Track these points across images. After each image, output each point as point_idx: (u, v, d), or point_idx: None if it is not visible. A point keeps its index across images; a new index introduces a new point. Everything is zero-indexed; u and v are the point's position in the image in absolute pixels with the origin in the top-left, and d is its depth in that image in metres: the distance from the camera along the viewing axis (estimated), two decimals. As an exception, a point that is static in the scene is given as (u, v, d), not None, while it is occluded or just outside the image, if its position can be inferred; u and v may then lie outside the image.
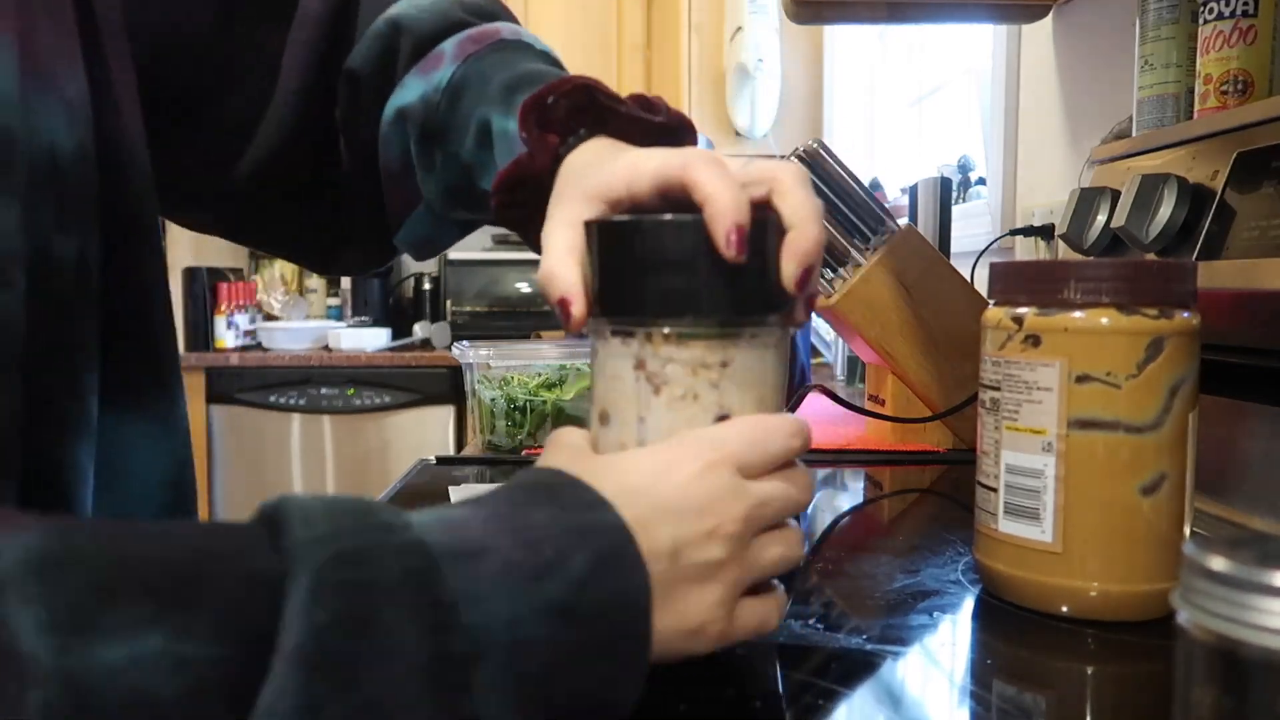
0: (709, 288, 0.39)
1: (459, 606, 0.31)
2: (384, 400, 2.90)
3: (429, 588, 0.30)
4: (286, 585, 0.29)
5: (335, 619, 0.28)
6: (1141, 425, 0.48)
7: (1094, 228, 0.86)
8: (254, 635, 0.28)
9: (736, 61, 2.72)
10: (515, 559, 0.33)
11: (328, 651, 0.28)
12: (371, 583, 0.29)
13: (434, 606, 0.30)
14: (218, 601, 0.28)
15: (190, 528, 0.32)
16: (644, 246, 0.40)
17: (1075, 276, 0.48)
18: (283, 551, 0.30)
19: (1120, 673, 0.46)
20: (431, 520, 0.33)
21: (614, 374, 0.41)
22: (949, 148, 2.05)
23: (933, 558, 0.60)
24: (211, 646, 0.28)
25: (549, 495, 0.36)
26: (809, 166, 0.93)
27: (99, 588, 0.27)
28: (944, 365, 0.94)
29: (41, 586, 0.27)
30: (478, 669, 0.30)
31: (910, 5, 1.22)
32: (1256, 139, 0.69)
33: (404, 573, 0.30)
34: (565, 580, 0.33)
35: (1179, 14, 0.83)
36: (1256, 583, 0.24)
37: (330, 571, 0.29)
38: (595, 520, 0.35)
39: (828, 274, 0.95)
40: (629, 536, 0.35)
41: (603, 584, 0.34)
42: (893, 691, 0.43)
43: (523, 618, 0.32)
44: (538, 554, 0.33)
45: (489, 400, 1.00)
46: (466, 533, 0.33)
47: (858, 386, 1.55)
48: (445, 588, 0.31)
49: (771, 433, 0.40)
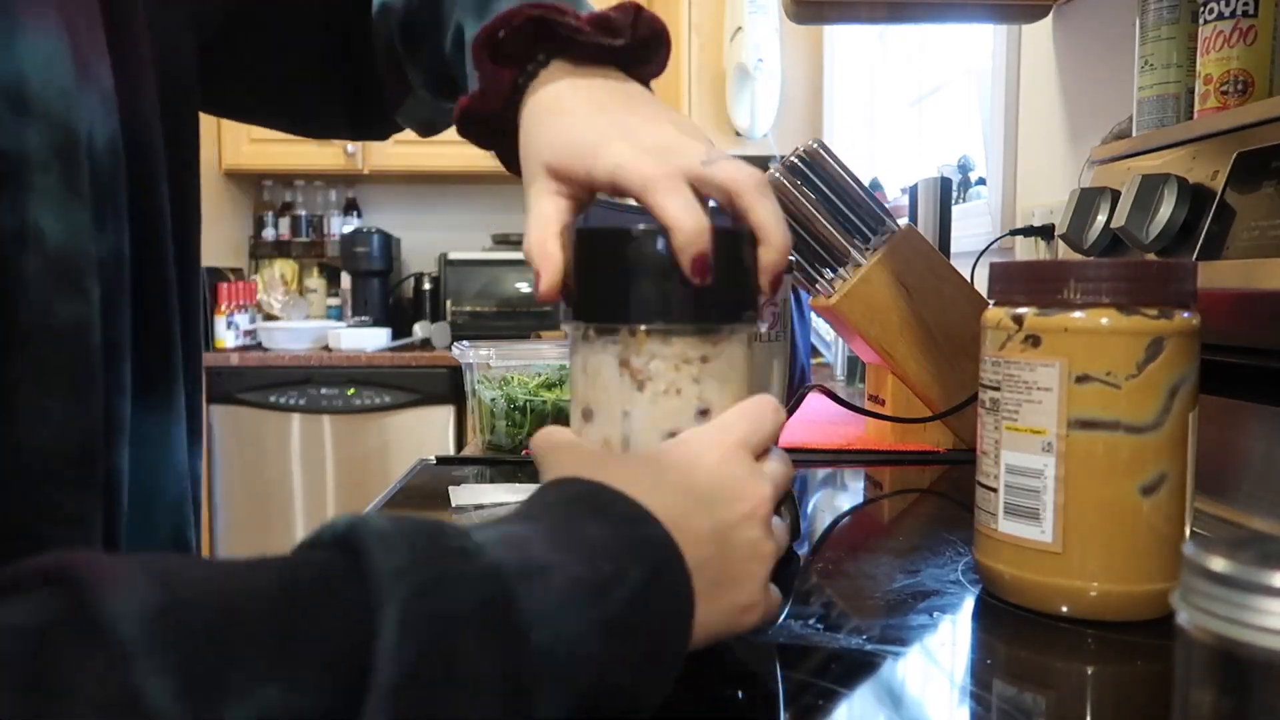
0: (691, 293, 0.41)
1: (530, 628, 0.31)
2: (384, 400, 2.90)
3: (505, 614, 0.31)
4: (377, 619, 0.29)
5: (422, 653, 0.29)
6: (1141, 425, 0.48)
7: (1094, 228, 0.86)
8: (355, 678, 0.28)
9: (736, 61, 2.71)
10: (578, 575, 0.33)
11: (416, 686, 0.28)
12: (454, 613, 0.30)
13: (509, 632, 0.31)
14: (319, 647, 0.28)
15: (273, 564, 0.31)
16: (632, 254, 0.41)
17: (1075, 276, 0.48)
18: (367, 579, 0.30)
19: (1120, 673, 0.46)
20: (496, 539, 0.33)
21: (597, 371, 0.43)
22: (949, 148, 2.05)
23: (933, 558, 0.60)
24: (321, 696, 0.28)
25: (593, 509, 0.36)
26: (809, 166, 0.93)
27: (217, 645, 0.27)
28: (944, 365, 0.94)
29: (167, 651, 0.26)
30: (542, 687, 0.31)
31: (910, 5, 1.22)
32: (1256, 139, 0.69)
33: (482, 602, 0.31)
34: (623, 598, 0.33)
35: (1179, 14, 0.83)
36: (1256, 583, 0.24)
37: (416, 604, 0.29)
38: (646, 535, 0.36)
39: (828, 274, 0.95)
40: (677, 552, 0.36)
41: (657, 600, 0.35)
42: (893, 691, 0.43)
43: (584, 635, 0.32)
44: (598, 570, 0.34)
45: (489, 400, 1.00)
46: (531, 551, 0.33)
47: (858, 386, 1.55)
48: (518, 611, 0.31)
49: (764, 412, 0.42)
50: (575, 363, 0.44)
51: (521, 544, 0.33)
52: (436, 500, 0.77)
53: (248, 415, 2.88)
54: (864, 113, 2.70)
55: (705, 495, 0.39)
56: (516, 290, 3.14)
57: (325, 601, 0.29)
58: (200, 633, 0.27)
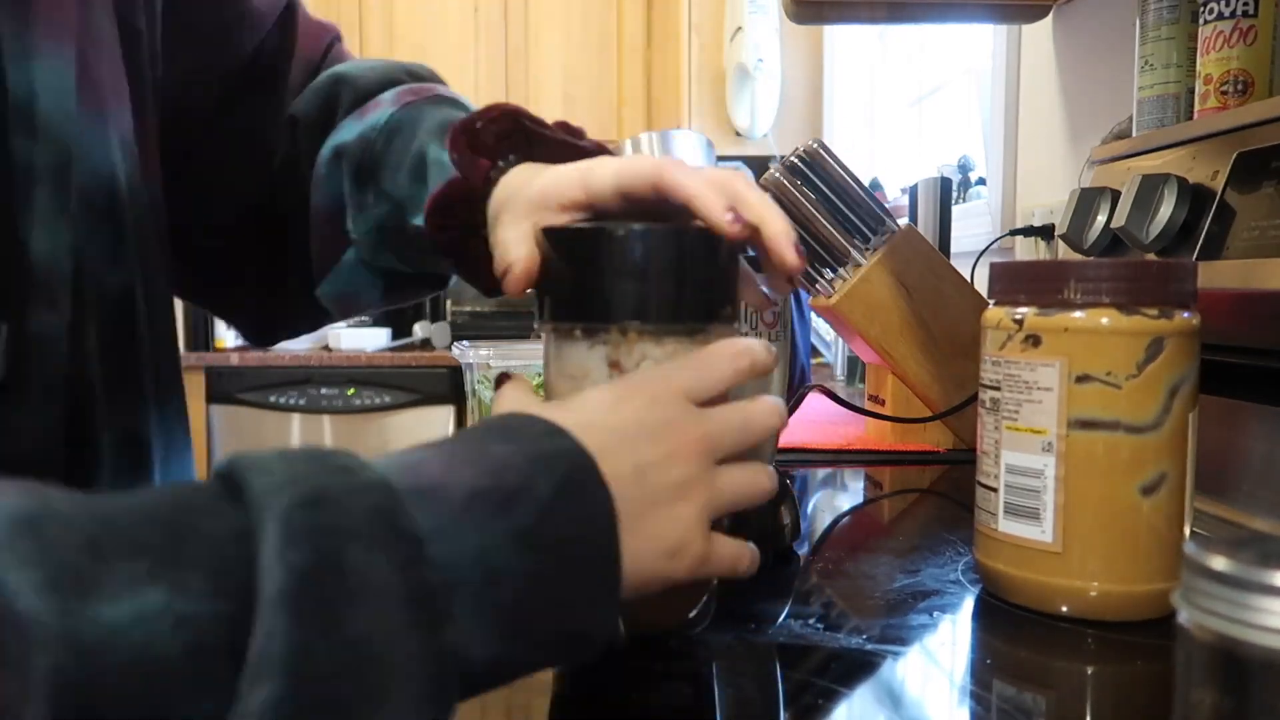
0: (682, 292, 0.41)
1: (427, 541, 0.31)
2: (384, 400, 2.89)
3: (395, 524, 0.31)
4: (258, 536, 0.29)
5: (308, 562, 0.28)
6: (1141, 425, 0.48)
7: (1094, 228, 0.86)
8: (242, 589, 0.28)
9: (736, 61, 2.71)
10: (480, 488, 0.33)
11: (308, 594, 0.28)
12: (337, 524, 0.29)
13: (403, 542, 0.30)
14: (204, 557, 0.28)
15: (157, 490, 0.32)
16: (626, 253, 0.41)
17: (1075, 276, 0.48)
18: (248, 505, 0.29)
19: (1120, 673, 0.46)
20: (390, 462, 0.33)
21: (583, 373, 0.42)
22: (949, 148, 2.05)
23: (933, 558, 0.60)
24: (206, 601, 0.27)
25: (504, 432, 0.36)
26: (809, 166, 0.93)
27: (91, 546, 0.27)
28: (944, 365, 0.94)
29: (34, 546, 0.26)
30: (453, 600, 0.31)
31: (910, 5, 1.22)
32: (1256, 139, 0.69)
33: (368, 511, 0.30)
34: (531, 507, 0.33)
35: (1179, 14, 0.83)
36: (1256, 583, 0.24)
37: (297, 514, 0.29)
38: (555, 447, 0.35)
39: (828, 274, 0.95)
40: (590, 460, 0.35)
41: (568, 508, 0.34)
42: (893, 691, 0.43)
43: (491, 547, 0.32)
44: (501, 483, 0.33)
45: (489, 400, 1.00)
46: (426, 469, 0.33)
47: (858, 386, 1.55)
48: (410, 519, 0.31)
49: (715, 357, 0.41)
50: (554, 366, 0.43)
51: (416, 465, 0.33)
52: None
53: (248, 415, 2.88)
54: (864, 113, 2.70)
55: (630, 433, 0.37)
56: (516, 290, 3.13)
57: (208, 516, 0.29)
58: (72, 534, 0.27)
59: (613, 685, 0.42)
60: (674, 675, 0.38)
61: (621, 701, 0.42)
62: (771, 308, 0.59)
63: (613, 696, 0.42)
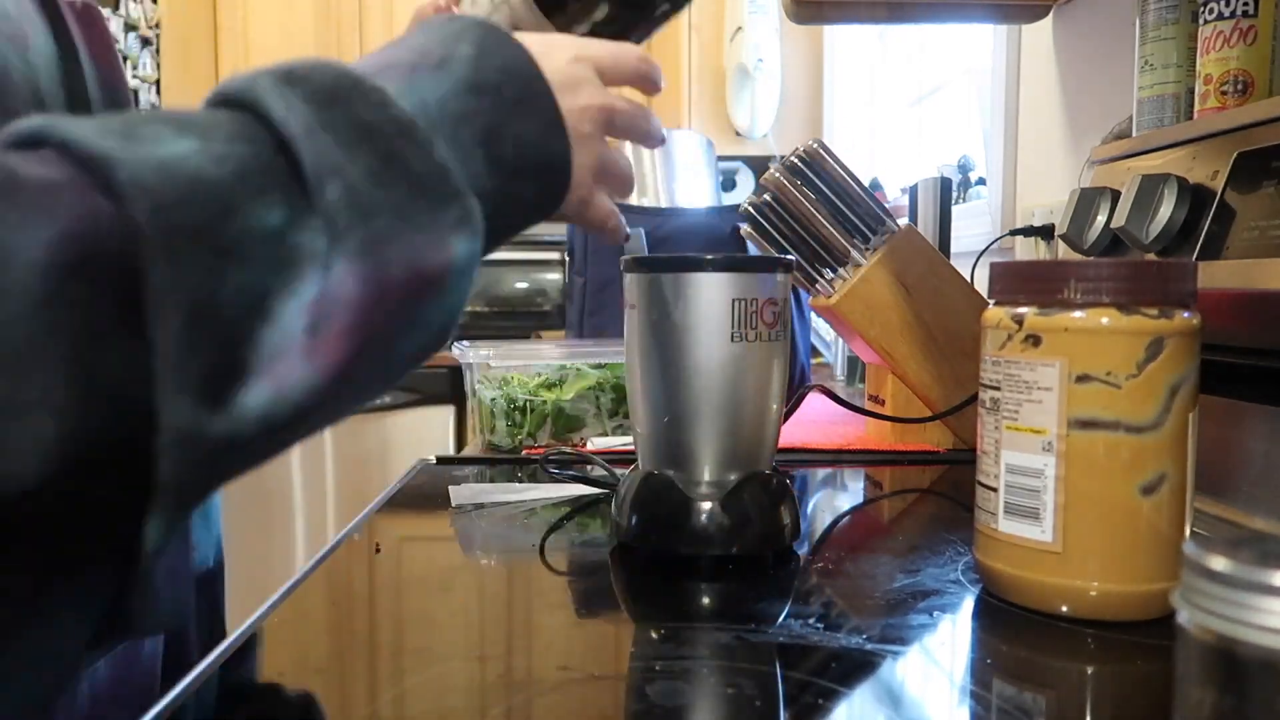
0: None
1: (394, 97, 0.37)
2: (384, 400, 2.89)
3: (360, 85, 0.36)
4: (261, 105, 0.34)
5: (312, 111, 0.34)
6: (1141, 425, 0.48)
7: (1094, 228, 0.86)
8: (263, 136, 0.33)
9: (736, 61, 2.72)
10: (413, 61, 0.40)
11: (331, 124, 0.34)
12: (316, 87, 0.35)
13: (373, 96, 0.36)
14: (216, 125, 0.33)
15: None
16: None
17: (1075, 276, 0.48)
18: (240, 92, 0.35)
19: (1120, 673, 0.46)
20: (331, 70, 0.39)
21: None
22: (949, 148, 2.05)
23: (933, 558, 0.60)
24: (237, 144, 0.33)
25: (418, 29, 0.43)
26: (809, 166, 0.93)
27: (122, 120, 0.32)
28: (944, 365, 0.94)
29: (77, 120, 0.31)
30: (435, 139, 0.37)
31: (910, 5, 1.22)
32: (1256, 139, 0.69)
33: (336, 77, 0.36)
34: (462, 63, 0.40)
35: (1179, 14, 0.83)
36: (1256, 583, 0.24)
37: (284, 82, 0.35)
38: (464, 23, 0.43)
39: (828, 274, 0.95)
40: (496, 25, 0.43)
41: (494, 57, 0.42)
42: (893, 691, 0.43)
43: (445, 97, 0.39)
44: (428, 55, 0.40)
45: (489, 400, 1.00)
46: (365, 64, 0.40)
47: (858, 386, 1.55)
48: (374, 87, 0.37)
49: (628, 52, 0.50)
50: None
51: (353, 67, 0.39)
52: (436, 500, 0.77)
53: (248, 415, 2.87)
54: (864, 113, 2.70)
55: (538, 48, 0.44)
56: (517, 290, 3.14)
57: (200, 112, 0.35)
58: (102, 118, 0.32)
59: (612, 685, 0.42)
60: (674, 674, 0.38)
61: (621, 701, 0.42)
62: (772, 308, 0.58)
63: (613, 696, 0.42)
